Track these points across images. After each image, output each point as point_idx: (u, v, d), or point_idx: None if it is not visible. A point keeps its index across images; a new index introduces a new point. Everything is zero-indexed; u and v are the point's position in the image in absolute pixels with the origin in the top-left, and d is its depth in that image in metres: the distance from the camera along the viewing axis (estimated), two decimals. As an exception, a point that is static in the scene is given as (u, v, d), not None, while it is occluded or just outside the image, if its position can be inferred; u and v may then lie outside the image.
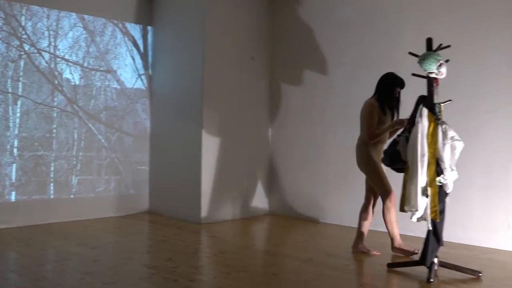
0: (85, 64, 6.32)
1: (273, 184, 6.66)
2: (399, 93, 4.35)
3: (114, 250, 4.66)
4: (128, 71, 6.68)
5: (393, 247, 4.37)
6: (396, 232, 4.33)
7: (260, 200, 6.58)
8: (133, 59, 6.74)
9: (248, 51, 6.47)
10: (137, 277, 3.67)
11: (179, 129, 6.31)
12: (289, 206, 6.43)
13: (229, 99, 6.24)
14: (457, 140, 3.63)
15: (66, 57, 6.15)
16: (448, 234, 4.49)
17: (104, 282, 3.50)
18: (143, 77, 6.82)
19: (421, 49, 3.83)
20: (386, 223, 4.34)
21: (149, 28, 6.84)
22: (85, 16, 6.29)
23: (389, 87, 4.31)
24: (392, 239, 4.37)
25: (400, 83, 4.30)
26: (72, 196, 6.13)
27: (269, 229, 5.99)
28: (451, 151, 3.63)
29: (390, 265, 3.91)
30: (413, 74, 3.92)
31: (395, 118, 4.38)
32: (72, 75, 6.21)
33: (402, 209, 3.73)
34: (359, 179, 5.66)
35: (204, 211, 5.94)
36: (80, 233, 5.31)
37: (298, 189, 6.35)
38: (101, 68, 6.45)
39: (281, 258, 4.31)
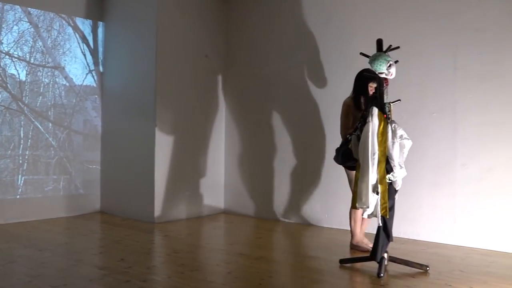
0: (32, 60, 6.09)
1: (228, 182, 6.65)
2: (377, 89, 4.17)
3: (64, 252, 4.52)
4: (78, 68, 6.49)
5: (351, 243, 4.48)
6: (358, 230, 4.43)
7: (214, 199, 6.56)
8: (83, 55, 6.55)
9: (202, 49, 6.42)
10: (88, 279, 3.57)
11: (131, 127, 6.20)
12: (244, 204, 6.44)
13: (182, 97, 6.18)
14: (406, 138, 3.75)
15: (11, 52, 5.90)
16: (398, 229, 4.65)
17: (53, 285, 3.39)
18: (93, 73, 6.64)
19: (372, 50, 3.93)
20: (350, 219, 4.43)
21: (100, 23, 6.67)
22: (31, 10, 6.06)
23: (362, 84, 4.28)
24: (352, 236, 4.47)
25: (372, 78, 4.15)
26: (18, 197, 5.90)
27: (223, 227, 5.98)
28: (400, 149, 3.74)
29: (342, 261, 3.99)
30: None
31: None
32: (17, 71, 5.97)
33: (353, 206, 3.81)
34: (313, 177, 5.76)
35: (157, 211, 5.87)
36: (27, 235, 5.12)
37: (252, 187, 6.38)
38: (49, 64, 6.24)
39: (236, 256, 4.31)
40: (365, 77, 4.23)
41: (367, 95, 4.26)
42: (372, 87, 4.25)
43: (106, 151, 6.60)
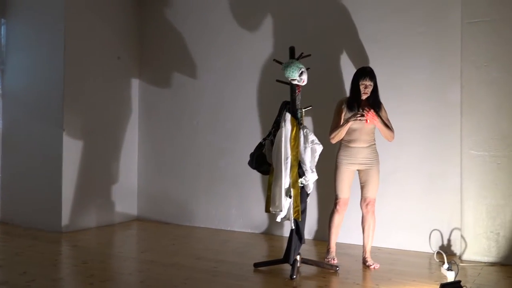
0: None
1: (141, 188, 6.47)
2: (373, 86, 4.07)
3: (-43, 267, 4.14)
4: (-24, 67, 6.01)
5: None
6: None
7: (127, 205, 6.35)
8: (-18, 53, 6.07)
9: (114, 51, 6.21)
10: (-15, 296, 3.31)
11: (36, 131, 5.84)
12: (158, 210, 6.30)
13: (93, 100, 5.93)
14: (317, 143, 3.88)
15: None
16: (310, 232, 4.79)
17: None
18: (-6, 73, 6.18)
19: (285, 57, 4.03)
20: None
21: (2, 20, 6.23)
22: None
23: (353, 81, 4.12)
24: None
25: (363, 74, 4.03)
26: None
27: (136, 235, 5.81)
28: (312, 154, 3.87)
29: (256, 265, 4.03)
30: (277, 80, 4.10)
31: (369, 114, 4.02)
32: None
33: (267, 210, 3.87)
34: (228, 181, 5.78)
35: (65, 219, 5.56)
36: None
37: (167, 192, 6.26)
38: None
39: (148, 264, 4.20)
40: (355, 73, 4.07)
41: (359, 94, 4.06)
42: (364, 84, 4.02)
43: (7, 157, 6.15)
